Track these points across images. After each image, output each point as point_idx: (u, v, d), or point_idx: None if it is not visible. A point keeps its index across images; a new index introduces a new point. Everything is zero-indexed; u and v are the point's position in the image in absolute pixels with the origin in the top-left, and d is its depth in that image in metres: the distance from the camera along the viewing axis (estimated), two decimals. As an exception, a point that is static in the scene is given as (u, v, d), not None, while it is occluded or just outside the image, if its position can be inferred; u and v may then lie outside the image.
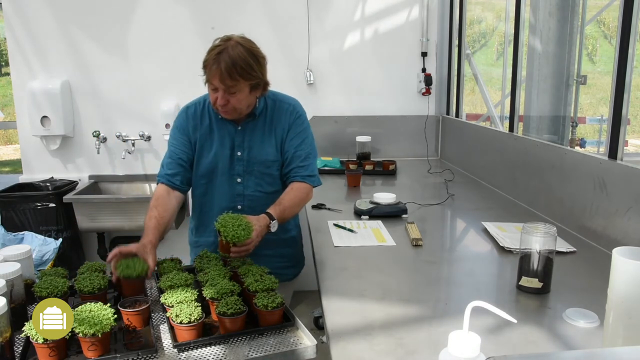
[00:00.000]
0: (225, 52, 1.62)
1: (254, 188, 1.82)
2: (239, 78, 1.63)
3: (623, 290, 0.98)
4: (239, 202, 1.83)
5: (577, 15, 3.09)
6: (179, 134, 1.84)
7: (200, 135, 1.82)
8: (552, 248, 1.33)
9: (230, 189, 1.82)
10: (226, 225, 1.50)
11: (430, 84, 3.44)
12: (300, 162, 1.83)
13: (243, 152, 1.81)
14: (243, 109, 1.74)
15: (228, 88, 1.64)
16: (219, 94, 1.67)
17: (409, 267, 1.62)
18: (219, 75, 1.62)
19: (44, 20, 3.24)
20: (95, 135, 3.31)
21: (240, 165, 1.81)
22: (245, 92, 1.68)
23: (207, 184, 1.84)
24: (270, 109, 1.84)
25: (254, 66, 1.66)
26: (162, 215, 1.69)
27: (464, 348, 0.79)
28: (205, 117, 1.83)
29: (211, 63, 1.63)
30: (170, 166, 1.81)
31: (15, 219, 3.01)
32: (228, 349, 1.22)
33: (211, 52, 1.65)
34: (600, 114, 8.05)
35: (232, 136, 1.81)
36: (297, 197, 1.78)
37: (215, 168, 1.82)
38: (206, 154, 1.82)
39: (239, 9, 3.33)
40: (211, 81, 1.66)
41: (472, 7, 9.28)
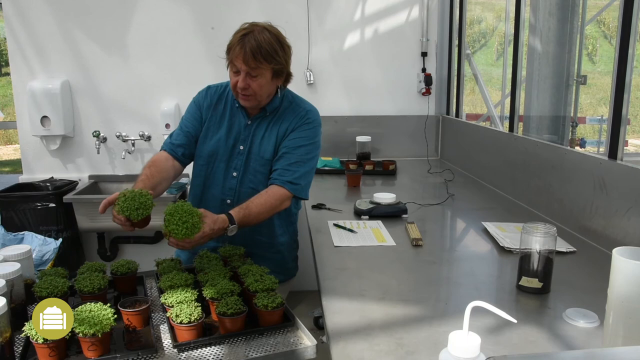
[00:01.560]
0: (252, 35, 1.62)
1: (247, 185, 1.80)
2: (263, 61, 1.62)
3: (623, 290, 0.98)
4: (229, 197, 1.80)
5: (577, 15, 3.09)
6: (194, 108, 1.85)
7: (211, 115, 1.82)
8: (552, 248, 1.33)
9: (224, 180, 1.81)
10: (173, 216, 1.43)
11: (430, 84, 3.44)
12: (287, 164, 1.74)
13: (245, 147, 1.79)
14: (263, 96, 1.71)
15: (250, 70, 1.63)
16: (240, 77, 1.66)
17: (409, 267, 1.62)
18: (243, 56, 1.61)
19: (44, 20, 3.24)
20: (95, 135, 3.31)
21: (240, 159, 1.80)
22: (267, 77, 1.67)
23: (205, 167, 1.82)
24: (283, 109, 1.82)
25: (278, 51, 1.66)
26: (153, 174, 1.68)
27: (464, 348, 0.79)
28: (222, 101, 1.84)
29: (236, 44, 1.62)
30: (177, 137, 1.81)
31: (15, 219, 3.01)
32: (228, 349, 1.22)
33: (236, 35, 1.65)
34: (600, 114, 8.05)
35: (241, 129, 1.80)
36: (268, 203, 1.66)
37: (215, 154, 1.80)
38: (211, 136, 1.81)
39: (239, 9, 3.33)
40: (234, 62, 1.65)
41: (472, 7, 9.28)
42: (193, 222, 1.44)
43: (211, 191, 1.82)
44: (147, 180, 1.64)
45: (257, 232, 1.79)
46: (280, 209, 1.73)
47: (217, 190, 1.82)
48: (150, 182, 1.64)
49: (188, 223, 1.43)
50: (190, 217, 1.44)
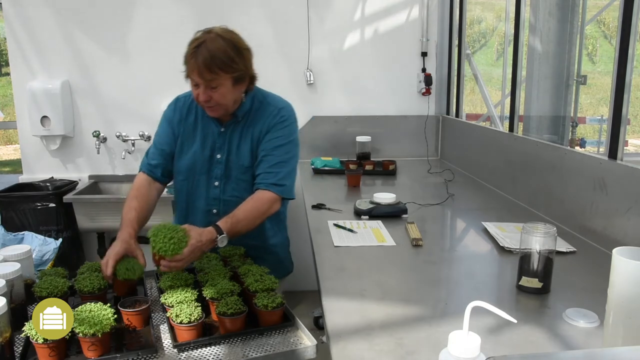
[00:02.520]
0: (204, 46, 1.56)
1: (231, 193, 1.77)
2: (219, 71, 1.57)
3: (623, 290, 0.98)
4: (214, 206, 1.79)
5: (577, 15, 3.09)
6: (165, 124, 1.82)
7: (183, 129, 1.78)
8: (552, 248, 1.33)
9: (207, 191, 1.78)
10: (157, 235, 1.40)
11: (430, 84, 3.44)
12: (269, 167, 1.71)
13: (222, 155, 1.76)
14: (228, 104, 1.67)
15: (208, 82, 1.58)
16: (200, 90, 1.61)
17: (409, 267, 1.62)
18: (197, 70, 1.56)
19: (44, 20, 3.24)
20: (95, 135, 3.31)
21: (219, 168, 1.76)
22: (227, 86, 1.62)
23: (184, 182, 1.80)
24: (255, 110, 1.76)
25: (234, 58, 1.59)
26: (142, 207, 1.67)
27: (464, 348, 0.79)
28: (191, 112, 1.79)
29: (189, 57, 1.58)
30: (153, 156, 1.80)
31: (15, 219, 3.01)
32: (228, 349, 1.22)
33: (190, 46, 1.60)
34: (600, 114, 8.05)
35: (214, 137, 1.76)
36: (255, 209, 1.64)
37: (193, 167, 1.77)
38: (186, 150, 1.78)
39: (239, 9, 3.33)
40: (190, 76, 1.61)
41: (472, 7, 9.28)
42: (178, 237, 1.41)
43: (196, 204, 1.80)
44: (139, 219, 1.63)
45: (249, 237, 1.73)
46: (270, 212, 1.69)
47: (201, 202, 1.79)
48: (142, 219, 1.65)
49: (174, 239, 1.40)
50: (174, 232, 1.41)
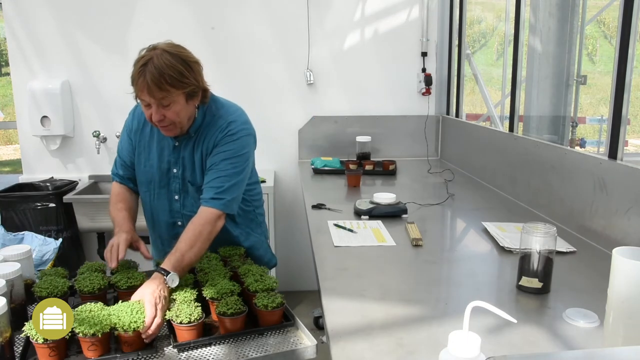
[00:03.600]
0: (151, 63, 1.47)
1: (190, 208, 1.71)
2: (169, 88, 1.48)
3: (623, 290, 0.98)
4: (178, 219, 1.76)
5: (577, 15, 3.09)
6: (124, 133, 1.79)
7: (139, 140, 1.74)
8: (552, 248, 1.33)
9: (169, 204, 1.76)
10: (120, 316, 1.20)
11: (430, 84, 3.44)
12: (211, 180, 1.61)
13: (178, 170, 1.71)
14: (183, 122, 1.59)
15: (160, 101, 1.49)
16: (152, 110, 1.52)
17: (409, 267, 1.62)
18: (147, 88, 1.47)
19: (44, 20, 3.24)
20: (95, 135, 3.31)
21: (177, 183, 1.72)
22: (180, 102, 1.53)
23: (147, 193, 1.78)
24: (206, 125, 1.67)
25: (184, 72, 1.50)
26: (129, 206, 1.70)
27: (464, 348, 0.79)
28: (147, 123, 1.68)
29: (137, 77, 1.48)
30: (120, 166, 1.80)
31: (15, 219, 3.01)
32: (228, 349, 1.22)
33: (136, 65, 1.50)
34: (600, 114, 8.05)
35: (170, 151, 1.71)
36: (198, 234, 1.51)
37: (152, 180, 1.74)
38: (144, 161, 1.74)
39: (239, 9, 3.33)
40: (140, 96, 1.51)
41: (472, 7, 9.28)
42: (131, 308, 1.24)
43: (160, 217, 1.78)
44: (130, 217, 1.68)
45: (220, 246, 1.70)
46: (215, 231, 1.57)
47: (164, 215, 1.77)
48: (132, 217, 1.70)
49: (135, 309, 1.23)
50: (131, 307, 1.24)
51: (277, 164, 3.48)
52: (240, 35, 3.34)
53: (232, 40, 3.33)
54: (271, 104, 3.43)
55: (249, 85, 3.37)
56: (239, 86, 3.23)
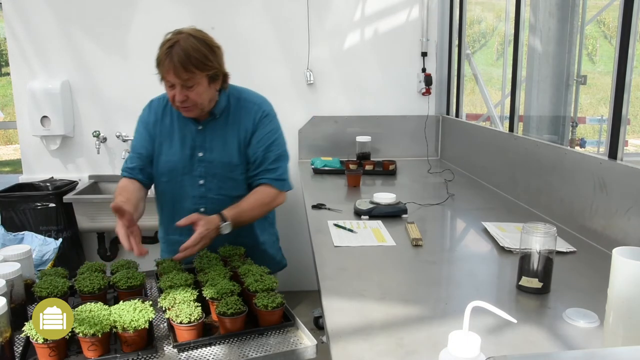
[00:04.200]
0: (177, 45, 1.56)
1: (216, 191, 1.77)
2: (195, 70, 1.57)
3: (623, 290, 0.98)
4: (201, 205, 1.79)
5: (577, 15, 3.09)
6: (141, 127, 1.82)
7: (160, 131, 1.78)
8: (552, 248, 1.33)
9: (192, 190, 1.78)
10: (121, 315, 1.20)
11: (430, 84, 3.44)
12: (269, 164, 1.78)
13: (205, 153, 1.76)
14: (204, 103, 1.68)
15: (184, 82, 1.59)
16: (176, 90, 1.61)
17: (409, 267, 1.62)
18: (173, 69, 1.56)
19: (44, 20, 3.24)
20: (95, 135, 3.31)
21: (202, 166, 1.76)
22: (203, 84, 1.63)
23: (168, 183, 1.80)
24: (234, 108, 1.78)
25: (208, 56, 1.60)
26: (129, 197, 1.66)
27: (464, 348, 0.79)
28: (166, 114, 1.79)
29: (164, 58, 1.57)
30: (131, 160, 1.80)
31: (15, 219, 3.01)
32: (228, 349, 1.22)
33: (162, 47, 1.59)
34: (600, 114, 8.05)
35: (194, 136, 1.76)
36: (259, 201, 1.73)
37: (175, 168, 1.77)
38: (165, 151, 1.78)
39: (239, 9, 3.33)
40: (166, 77, 1.61)
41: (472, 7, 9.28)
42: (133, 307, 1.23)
43: (182, 205, 1.79)
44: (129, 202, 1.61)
45: (239, 235, 1.75)
46: (273, 206, 1.78)
47: (188, 202, 1.79)
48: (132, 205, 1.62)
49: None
50: None
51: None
52: (240, 36, 3.34)
53: (232, 40, 3.33)
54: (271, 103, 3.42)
55: (249, 85, 3.35)
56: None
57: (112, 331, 1.19)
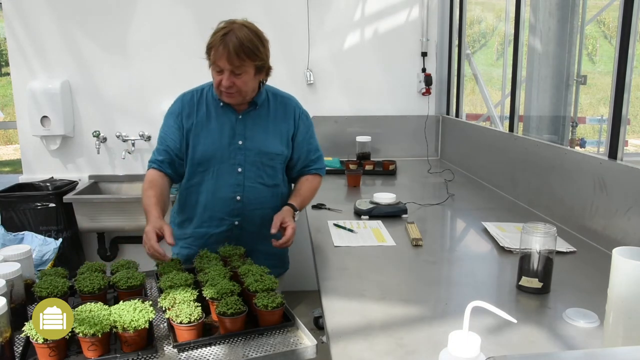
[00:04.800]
0: (232, 33, 1.64)
1: (254, 179, 1.81)
2: (246, 58, 1.64)
3: (623, 290, 0.98)
4: (238, 193, 1.81)
5: (577, 15, 3.09)
6: (170, 120, 1.83)
7: (196, 122, 1.81)
8: (552, 248, 1.33)
9: (230, 178, 1.80)
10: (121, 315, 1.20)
11: (430, 84, 3.44)
12: (313, 156, 1.95)
13: (245, 141, 1.80)
14: (248, 91, 1.74)
15: (235, 68, 1.65)
16: (224, 76, 1.67)
17: (409, 267, 1.62)
18: (227, 55, 1.62)
19: (44, 20, 3.24)
20: (95, 135, 3.31)
21: (241, 154, 1.80)
22: (250, 73, 1.69)
23: (205, 172, 1.81)
24: (273, 101, 1.86)
25: (259, 47, 1.68)
26: (159, 193, 1.71)
27: (464, 348, 0.79)
28: (202, 104, 1.83)
29: (218, 44, 1.64)
30: (159, 152, 1.82)
31: (15, 219, 3.01)
32: (228, 349, 1.22)
33: (216, 34, 1.66)
34: (600, 114, 8.05)
35: (233, 124, 1.80)
36: (313, 188, 1.92)
37: (213, 156, 1.80)
38: (203, 140, 1.80)
39: (239, 9, 3.31)
40: (217, 62, 1.66)
41: (472, 7, 9.28)
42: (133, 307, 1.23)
43: (220, 193, 1.81)
44: (159, 203, 1.67)
45: (265, 227, 1.77)
46: (317, 191, 1.96)
47: (225, 190, 1.80)
48: (162, 204, 1.69)
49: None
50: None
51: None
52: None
53: (232, 40, 3.33)
54: (271, 104, 3.43)
55: (249, 85, 3.37)
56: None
57: (112, 331, 1.19)
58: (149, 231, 1.54)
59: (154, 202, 1.66)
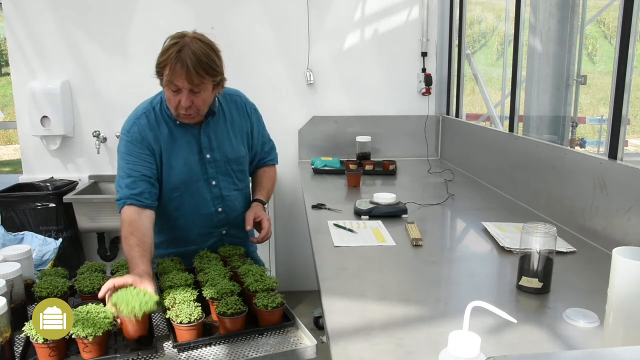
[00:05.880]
0: (187, 48, 1.51)
1: (229, 188, 1.79)
2: (205, 75, 1.53)
3: (623, 290, 0.98)
4: (218, 205, 1.78)
5: (577, 15, 3.09)
6: (135, 149, 1.65)
7: (163, 145, 1.68)
8: (552, 248, 1.33)
9: (207, 193, 1.76)
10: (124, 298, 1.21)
11: (430, 84, 3.44)
12: (267, 147, 1.98)
13: (212, 153, 1.74)
14: (205, 109, 1.66)
15: (194, 87, 1.54)
16: (182, 96, 1.56)
17: (409, 267, 1.62)
18: (186, 74, 1.50)
19: (44, 20, 3.24)
20: (95, 135, 3.31)
21: (212, 167, 1.75)
22: (209, 90, 1.60)
23: (183, 195, 1.73)
24: (225, 103, 1.81)
25: (216, 61, 1.58)
26: (142, 240, 1.49)
27: (464, 348, 0.79)
28: (162, 124, 1.69)
29: (173, 62, 1.51)
30: (133, 185, 1.61)
31: (15, 219, 3.01)
32: (228, 349, 1.22)
33: (168, 51, 1.53)
34: (600, 114, 8.05)
35: (197, 139, 1.72)
36: (273, 179, 1.98)
37: (189, 176, 1.72)
38: (175, 164, 1.69)
39: (239, 9, 3.33)
40: (174, 82, 1.53)
41: (472, 7, 9.28)
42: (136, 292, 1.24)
43: (202, 210, 1.76)
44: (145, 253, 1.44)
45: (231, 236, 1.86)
46: None
47: (206, 207, 1.76)
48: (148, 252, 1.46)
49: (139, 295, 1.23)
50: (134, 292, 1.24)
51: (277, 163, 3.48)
52: (240, 36, 3.34)
53: (232, 40, 3.33)
54: (271, 104, 3.42)
55: (249, 86, 3.34)
56: (239, 86, 3.21)
57: (112, 331, 1.19)
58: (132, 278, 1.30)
59: (139, 252, 1.44)
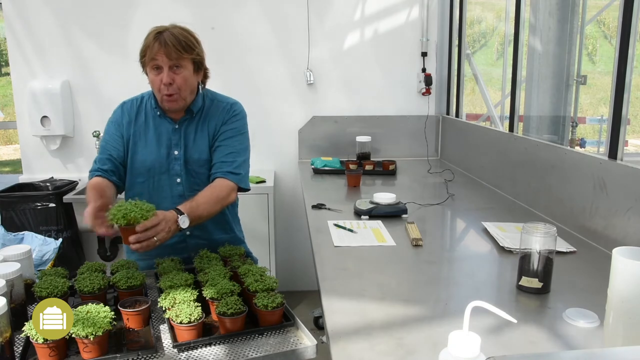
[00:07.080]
0: (166, 32, 1.66)
1: (193, 188, 1.77)
2: (183, 52, 1.65)
3: (623, 290, 0.98)
4: (180, 204, 1.73)
5: (577, 15, 3.09)
6: (112, 128, 1.82)
7: (134, 130, 1.80)
8: (552, 248, 1.33)
9: (171, 189, 1.78)
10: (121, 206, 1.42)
11: (430, 84, 3.44)
12: (224, 156, 1.76)
13: (179, 150, 1.78)
14: (187, 92, 1.72)
15: (174, 62, 1.65)
16: (163, 73, 1.67)
17: (409, 267, 1.62)
18: (165, 50, 1.63)
19: (44, 20, 3.24)
20: (95, 136, 3.30)
21: (179, 164, 1.78)
22: (189, 69, 1.69)
23: (145, 183, 1.79)
24: (207, 107, 1.83)
25: (195, 43, 1.70)
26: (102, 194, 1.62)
27: (464, 348, 0.79)
28: (141, 113, 1.82)
29: (152, 43, 1.65)
30: (102, 162, 1.77)
31: (15, 219, 3.01)
32: (228, 349, 1.22)
33: (150, 35, 1.68)
34: (600, 114, 8.05)
35: (169, 134, 1.78)
36: (214, 195, 1.67)
37: (152, 167, 1.77)
38: (140, 150, 1.78)
39: (239, 9, 3.33)
40: (155, 58, 1.65)
41: (472, 7, 9.28)
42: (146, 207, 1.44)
43: (162, 205, 1.70)
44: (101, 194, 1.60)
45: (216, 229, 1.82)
46: (229, 200, 1.72)
47: (167, 202, 1.75)
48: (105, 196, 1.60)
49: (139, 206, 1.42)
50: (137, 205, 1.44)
51: (277, 164, 3.48)
52: (240, 36, 3.34)
53: (232, 40, 3.33)
54: (271, 104, 3.43)
55: (249, 86, 3.37)
56: (239, 86, 3.23)
57: (112, 331, 1.19)
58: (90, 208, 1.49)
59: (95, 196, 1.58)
